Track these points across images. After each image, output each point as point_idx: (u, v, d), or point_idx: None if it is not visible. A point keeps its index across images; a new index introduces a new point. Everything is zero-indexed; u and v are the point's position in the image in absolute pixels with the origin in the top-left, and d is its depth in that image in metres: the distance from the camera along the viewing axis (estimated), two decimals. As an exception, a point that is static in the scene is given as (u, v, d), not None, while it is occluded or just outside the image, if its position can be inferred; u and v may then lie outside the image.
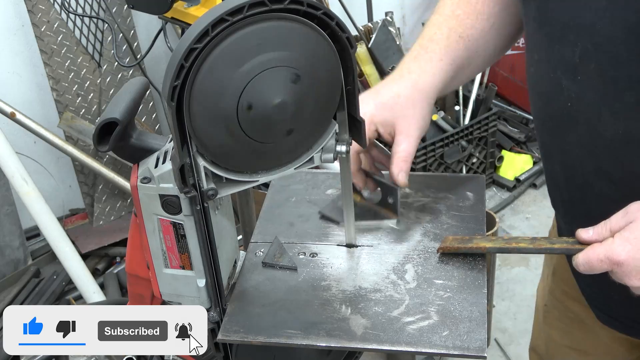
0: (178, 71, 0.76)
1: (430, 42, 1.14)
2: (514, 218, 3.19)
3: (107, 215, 3.00)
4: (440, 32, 1.14)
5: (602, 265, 0.88)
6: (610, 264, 0.87)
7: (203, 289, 0.95)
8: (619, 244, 0.86)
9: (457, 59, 1.13)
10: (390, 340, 0.91)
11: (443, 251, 1.05)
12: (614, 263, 0.86)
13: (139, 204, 0.91)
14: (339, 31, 0.83)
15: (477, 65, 1.18)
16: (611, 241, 0.87)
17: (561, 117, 0.99)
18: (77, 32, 2.76)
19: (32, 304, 2.62)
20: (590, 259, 0.89)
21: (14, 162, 2.49)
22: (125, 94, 0.91)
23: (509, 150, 3.42)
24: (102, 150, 0.88)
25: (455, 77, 1.15)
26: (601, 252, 0.88)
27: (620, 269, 0.86)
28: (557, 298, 1.32)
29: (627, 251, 0.85)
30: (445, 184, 1.20)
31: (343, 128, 0.93)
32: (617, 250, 0.86)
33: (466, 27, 1.14)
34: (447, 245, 1.05)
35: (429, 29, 1.16)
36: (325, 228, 1.12)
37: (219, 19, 0.75)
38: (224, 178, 0.87)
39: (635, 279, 0.86)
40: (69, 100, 2.80)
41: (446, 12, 1.16)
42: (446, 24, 1.15)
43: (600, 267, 0.88)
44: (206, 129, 0.80)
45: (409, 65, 1.13)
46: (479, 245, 1.01)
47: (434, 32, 1.15)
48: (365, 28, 3.11)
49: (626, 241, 0.86)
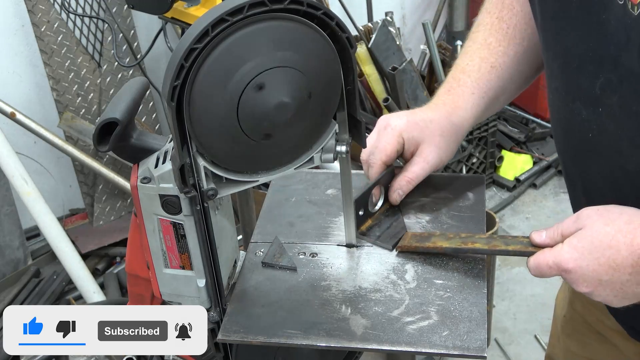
0: (178, 71, 0.76)
1: (462, 74, 1.15)
2: (514, 218, 3.19)
3: (107, 215, 3.00)
4: (472, 62, 1.15)
5: (551, 271, 0.89)
6: (559, 271, 0.88)
7: (203, 289, 0.95)
8: (567, 251, 0.87)
9: (490, 90, 1.14)
10: (390, 340, 0.91)
11: (401, 250, 1.04)
12: (562, 270, 0.87)
13: (139, 204, 0.91)
14: (339, 31, 0.82)
15: (511, 91, 1.19)
16: (560, 247, 0.88)
17: (582, 148, 0.98)
18: (77, 32, 2.77)
19: (32, 304, 2.62)
20: (540, 264, 0.90)
21: (14, 162, 2.49)
22: (125, 94, 0.91)
23: (509, 150, 3.42)
24: (102, 150, 0.88)
25: (489, 108, 1.16)
26: (550, 258, 0.88)
27: (569, 275, 0.87)
28: (577, 310, 1.29)
29: (574, 259, 0.86)
30: (445, 184, 1.20)
31: (343, 128, 0.92)
32: (565, 258, 0.86)
33: (498, 56, 1.14)
34: (405, 244, 1.04)
35: (462, 58, 1.17)
36: (325, 228, 1.12)
37: (219, 19, 0.75)
38: (224, 178, 0.87)
39: (583, 286, 0.87)
40: (69, 100, 2.80)
41: (479, 39, 1.17)
42: (478, 53, 1.15)
43: (550, 273, 0.89)
44: (206, 129, 0.80)
45: (444, 98, 1.15)
46: (436, 245, 1.01)
47: (466, 62, 1.16)
48: (365, 28, 3.11)
49: (574, 249, 0.86)
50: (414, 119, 1.11)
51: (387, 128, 1.10)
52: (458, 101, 1.13)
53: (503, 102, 1.20)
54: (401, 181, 1.11)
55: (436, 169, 1.13)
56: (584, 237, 0.86)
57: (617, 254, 0.83)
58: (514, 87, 1.18)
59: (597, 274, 0.85)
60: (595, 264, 0.85)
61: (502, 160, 3.37)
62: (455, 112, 1.12)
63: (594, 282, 0.86)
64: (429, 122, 1.10)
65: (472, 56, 1.16)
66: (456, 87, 1.15)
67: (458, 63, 1.18)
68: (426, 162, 1.10)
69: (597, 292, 0.87)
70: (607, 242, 0.84)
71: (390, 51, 3.05)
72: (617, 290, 0.86)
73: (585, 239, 0.85)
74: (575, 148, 1.01)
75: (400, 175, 1.11)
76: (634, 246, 0.82)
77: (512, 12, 1.14)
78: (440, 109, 1.13)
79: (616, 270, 0.84)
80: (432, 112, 1.12)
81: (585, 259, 0.85)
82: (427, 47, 3.25)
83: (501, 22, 1.15)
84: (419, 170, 1.10)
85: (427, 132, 1.10)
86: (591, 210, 0.88)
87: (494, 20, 1.16)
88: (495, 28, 1.15)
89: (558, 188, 3.35)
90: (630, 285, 0.85)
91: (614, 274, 0.84)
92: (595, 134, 0.94)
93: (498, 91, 1.15)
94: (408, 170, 1.11)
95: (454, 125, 1.12)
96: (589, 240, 0.85)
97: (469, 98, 1.13)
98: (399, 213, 1.13)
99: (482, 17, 1.19)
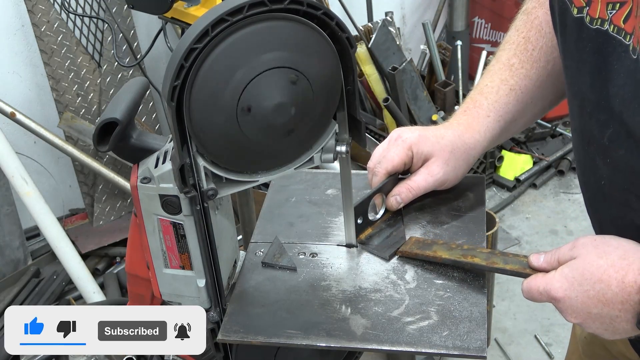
0: (178, 71, 0.76)
1: (479, 95, 1.12)
2: (514, 218, 3.19)
3: (107, 215, 3.00)
4: (491, 84, 1.12)
5: (542, 298, 0.88)
6: (548, 298, 0.87)
7: (203, 289, 0.95)
8: (558, 279, 0.86)
9: (507, 114, 1.11)
10: (390, 340, 0.91)
11: (402, 255, 1.04)
12: (551, 298, 0.87)
13: (139, 204, 0.91)
14: (339, 31, 0.82)
15: (532, 114, 1.15)
16: (552, 275, 0.87)
17: (596, 192, 0.96)
18: (77, 32, 2.77)
19: (32, 304, 2.62)
20: (532, 288, 0.89)
21: (14, 162, 2.50)
22: (125, 94, 0.91)
23: (509, 150, 3.42)
24: (102, 150, 0.88)
25: (506, 131, 1.13)
26: (541, 284, 0.88)
27: (557, 304, 0.87)
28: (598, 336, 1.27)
29: (564, 289, 0.85)
30: (445, 184, 1.20)
31: (343, 128, 0.92)
32: (555, 286, 0.86)
33: (520, 78, 1.10)
34: (407, 250, 1.04)
35: (484, 78, 1.14)
36: (325, 228, 1.12)
37: (219, 19, 0.75)
38: (224, 178, 0.87)
39: (572, 316, 0.86)
40: (69, 100, 2.80)
41: (502, 59, 1.13)
42: (499, 74, 1.12)
43: (540, 299, 0.88)
44: (206, 129, 0.80)
45: (459, 117, 1.13)
46: (436, 254, 1.01)
47: (485, 83, 1.13)
48: (365, 28, 3.11)
49: (565, 278, 0.85)
50: (426, 134, 1.09)
51: (398, 140, 1.09)
52: (472, 123, 1.11)
53: (522, 125, 1.17)
54: (401, 187, 1.10)
55: (440, 186, 1.11)
56: (576, 267, 0.85)
57: (607, 288, 0.82)
58: (535, 110, 1.15)
59: (586, 307, 0.84)
60: (585, 297, 0.83)
61: (502, 160, 3.37)
62: (468, 132, 1.10)
63: (582, 314, 0.85)
64: (440, 138, 1.08)
65: (492, 77, 1.13)
66: (472, 109, 1.12)
67: (479, 83, 1.15)
68: (430, 175, 1.08)
69: (587, 324, 0.86)
70: (598, 276, 0.82)
71: (390, 51, 3.05)
72: (607, 325, 0.84)
73: (577, 270, 0.84)
74: (591, 190, 0.99)
75: (402, 183, 1.10)
76: (625, 283, 0.80)
77: (540, 33, 1.10)
78: (454, 127, 1.11)
79: (605, 305, 0.82)
80: (445, 130, 1.10)
81: (575, 290, 0.84)
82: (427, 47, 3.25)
83: (527, 42, 1.11)
84: (421, 181, 1.09)
85: (438, 147, 1.08)
86: (587, 240, 0.87)
87: (520, 40, 1.12)
88: (521, 49, 1.11)
89: (558, 188, 3.35)
90: (620, 322, 0.83)
91: (604, 308, 0.83)
92: (607, 182, 0.92)
93: (516, 115, 1.12)
94: (410, 179, 1.10)
95: (466, 145, 1.09)
96: (580, 272, 0.84)
97: (483, 121, 1.10)
98: (400, 222, 1.11)
99: (511, 34, 1.15)
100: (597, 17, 0.84)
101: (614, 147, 0.87)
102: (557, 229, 3.10)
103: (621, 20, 0.81)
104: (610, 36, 0.83)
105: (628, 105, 0.82)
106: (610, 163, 0.89)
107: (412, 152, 1.08)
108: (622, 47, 0.81)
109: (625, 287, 0.80)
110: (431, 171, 1.08)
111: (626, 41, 0.81)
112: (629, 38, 0.81)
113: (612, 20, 0.83)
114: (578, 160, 1.00)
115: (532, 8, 1.13)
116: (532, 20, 1.12)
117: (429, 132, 1.10)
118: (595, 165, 0.92)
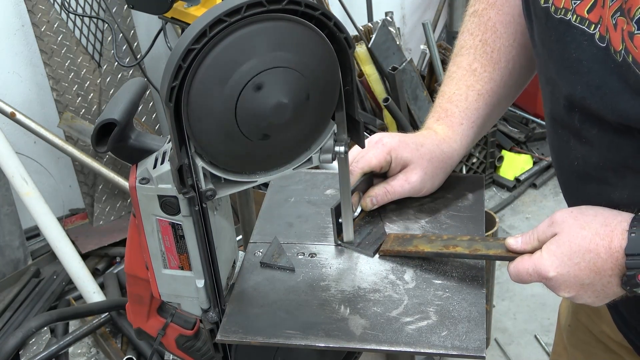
0: (176, 72, 0.76)
1: (449, 104, 1.14)
2: (514, 218, 3.19)
3: (107, 215, 3.00)
4: (459, 91, 1.14)
5: (531, 279, 0.89)
6: (539, 278, 0.88)
7: (202, 289, 0.95)
8: (547, 258, 0.87)
9: (478, 119, 1.14)
10: (389, 341, 0.91)
11: (383, 254, 1.04)
12: (543, 277, 0.88)
13: (138, 204, 0.91)
14: (337, 31, 0.82)
15: (499, 113, 1.20)
16: (539, 255, 0.88)
17: (571, 173, 0.98)
18: (77, 32, 2.77)
19: (32, 304, 2.62)
20: (520, 271, 0.90)
21: (14, 162, 2.50)
22: (123, 95, 0.91)
23: (509, 150, 3.42)
24: (100, 151, 0.88)
25: (478, 134, 1.17)
26: (530, 265, 0.89)
27: (550, 282, 0.88)
28: (581, 321, 1.28)
29: (555, 266, 0.86)
30: (445, 183, 1.20)
31: (341, 128, 0.92)
32: (546, 265, 0.87)
33: (485, 82, 1.13)
34: (388, 248, 1.04)
35: (449, 85, 1.16)
36: (324, 228, 1.12)
37: (217, 20, 0.75)
38: (223, 178, 0.87)
39: (565, 291, 0.87)
40: (69, 100, 2.80)
41: (463, 64, 1.15)
42: (464, 81, 1.14)
43: (530, 280, 0.89)
44: (204, 129, 0.80)
45: (434, 126, 1.14)
46: (418, 248, 1.01)
47: (452, 91, 1.15)
48: (365, 28, 3.11)
49: (553, 255, 0.86)
50: (406, 140, 1.10)
51: (379, 143, 1.10)
52: (448, 132, 1.13)
53: (491, 126, 1.21)
54: (379, 190, 1.10)
55: (416, 194, 1.12)
56: (562, 242, 0.86)
57: (597, 257, 0.83)
58: (501, 109, 1.19)
59: (579, 279, 0.85)
60: (576, 269, 0.85)
61: (502, 160, 3.37)
62: (446, 142, 1.12)
63: (576, 287, 0.86)
64: (420, 146, 1.10)
65: (458, 84, 1.14)
66: (444, 118, 1.14)
67: (444, 90, 1.16)
68: (407, 182, 1.10)
69: (579, 295, 0.87)
70: (586, 246, 0.84)
71: (390, 51, 3.05)
72: (599, 292, 0.86)
73: (564, 245, 0.85)
74: (565, 173, 1.01)
75: (379, 185, 1.11)
76: (612, 249, 0.82)
77: (495, 34, 1.12)
78: (432, 136, 1.12)
79: (597, 274, 0.84)
80: (424, 138, 1.12)
81: (566, 265, 0.85)
82: (427, 47, 3.25)
83: (485, 45, 1.13)
84: (398, 187, 1.10)
85: (417, 154, 1.09)
86: (565, 214, 0.88)
87: (477, 44, 1.14)
88: (480, 52, 1.13)
89: (558, 188, 3.34)
90: (611, 287, 0.85)
91: (595, 277, 0.84)
92: (581, 162, 0.94)
93: (486, 118, 1.15)
94: (388, 183, 1.10)
95: (444, 154, 1.11)
96: (568, 246, 0.85)
97: (457, 129, 1.13)
98: (378, 218, 1.12)
99: (465, 38, 1.17)
100: (561, 7, 0.87)
101: (586, 127, 0.89)
102: (557, 229, 3.10)
103: (585, 10, 0.84)
104: (573, 25, 0.86)
105: (594, 92, 0.84)
106: (586, 142, 0.91)
107: (391, 156, 1.09)
108: (585, 36, 0.84)
109: (612, 252, 0.82)
110: (409, 178, 1.10)
111: (590, 30, 0.84)
112: (594, 27, 0.83)
113: (575, 10, 0.85)
114: (552, 145, 1.02)
115: (483, 10, 1.14)
116: (485, 23, 1.14)
117: (409, 139, 1.11)
118: (569, 147, 0.94)
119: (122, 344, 2.53)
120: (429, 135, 1.12)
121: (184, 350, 1.06)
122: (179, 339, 1.04)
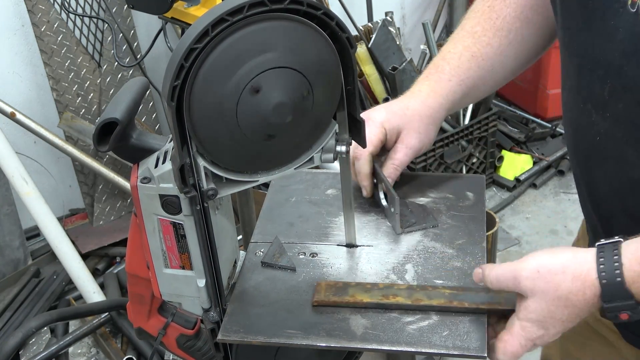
0: (178, 71, 0.76)
1: (442, 61, 1.17)
2: (514, 218, 3.19)
3: (107, 215, 3.00)
4: (454, 50, 1.16)
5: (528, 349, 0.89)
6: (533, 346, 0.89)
7: (203, 289, 0.95)
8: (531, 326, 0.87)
9: (468, 79, 1.15)
10: (390, 340, 0.91)
11: (318, 304, 0.96)
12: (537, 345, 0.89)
13: (139, 204, 0.91)
14: (339, 31, 0.82)
15: (495, 81, 1.19)
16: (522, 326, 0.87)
17: (589, 150, 0.99)
18: (77, 32, 2.77)
19: (32, 304, 2.62)
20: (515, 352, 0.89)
21: (14, 162, 2.50)
22: (125, 94, 0.91)
23: (509, 150, 3.42)
24: (102, 150, 0.88)
25: (468, 95, 1.17)
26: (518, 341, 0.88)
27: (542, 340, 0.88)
28: None
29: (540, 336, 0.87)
30: (445, 184, 1.20)
31: (343, 128, 0.93)
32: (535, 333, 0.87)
33: (482, 45, 1.15)
34: (322, 299, 0.97)
35: (448, 45, 1.19)
36: (325, 228, 1.12)
37: (219, 19, 0.75)
38: (224, 178, 0.87)
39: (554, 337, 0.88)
40: (69, 100, 2.80)
41: (467, 27, 1.18)
42: (462, 41, 1.17)
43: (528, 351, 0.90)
44: (206, 129, 0.80)
45: (421, 84, 1.17)
46: (356, 299, 0.95)
47: (448, 50, 1.17)
48: (365, 28, 3.11)
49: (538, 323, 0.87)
50: (392, 109, 1.13)
51: (369, 121, 1.10)
52: (435, 87, 1.15)
53: (484, 92, 1.21)
54: (389, 169, 1.13)
55: (419, 153, 1.15)
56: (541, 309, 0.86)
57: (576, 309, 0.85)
58: (496, 77, 1.19)
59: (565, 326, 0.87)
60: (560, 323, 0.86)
61: (502, 160, 3.37)
62: (430, 97, 1.14)
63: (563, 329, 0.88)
64: (406, 110, 1.13)
65: (455, 44, 1.17)
66: (434, 74, 1.16)
67: (442, 49, 1.19)
68: (408, 148, 1.13)
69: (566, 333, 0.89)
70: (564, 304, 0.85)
71: (390, 51, 3.05)
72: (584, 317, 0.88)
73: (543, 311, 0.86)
74: (583, 150, 1.01)
75: (387, 164, 1.14)
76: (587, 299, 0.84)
77: (504, 2, 1.15)
78: (416, 96, 1.15)
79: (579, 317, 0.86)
80: (408, 100, 1.15)
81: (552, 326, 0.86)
82: (427, 47, 3.25)
83: (492, 11, 1.16)
84: (403, 156, 1.13)
85: (406, 119, 1.12)
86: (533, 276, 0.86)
87: (485, 8, 1.17)
88: (485, 17, 1.16)
89: (558, 188, 3.35)
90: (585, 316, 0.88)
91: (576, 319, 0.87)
92: (603, 138, 0.94)
93: (477, 81, 1.16)
94: (392, 158, 1.13)
95: (431, 109, 1.14)
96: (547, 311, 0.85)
97: (445, 84, 1.15)
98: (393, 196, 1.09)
99: (476, 3, 1.20)
100: None
101: (613, 100, 0.90)
102: (557, 229, 3.10)
103: None
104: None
105: (630, 58, 0.85)
106: (610, 117, 0.92)
107: (384, 129, 1.12)
108: (620, 3, 0.85)
109: (588, 301, 0.84)
110: (408, 144, 1.13)
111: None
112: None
113: None
114: (571, 122, 1.03)
115: None
116: None
117: (394, 107, 1.14)
118: (591, 122, 0.95)
119: (122, 344, 2.53)
120: (412, 96, 1.15)
121: (184, 350, 1.06)
122: (179, 339, 1.04)
